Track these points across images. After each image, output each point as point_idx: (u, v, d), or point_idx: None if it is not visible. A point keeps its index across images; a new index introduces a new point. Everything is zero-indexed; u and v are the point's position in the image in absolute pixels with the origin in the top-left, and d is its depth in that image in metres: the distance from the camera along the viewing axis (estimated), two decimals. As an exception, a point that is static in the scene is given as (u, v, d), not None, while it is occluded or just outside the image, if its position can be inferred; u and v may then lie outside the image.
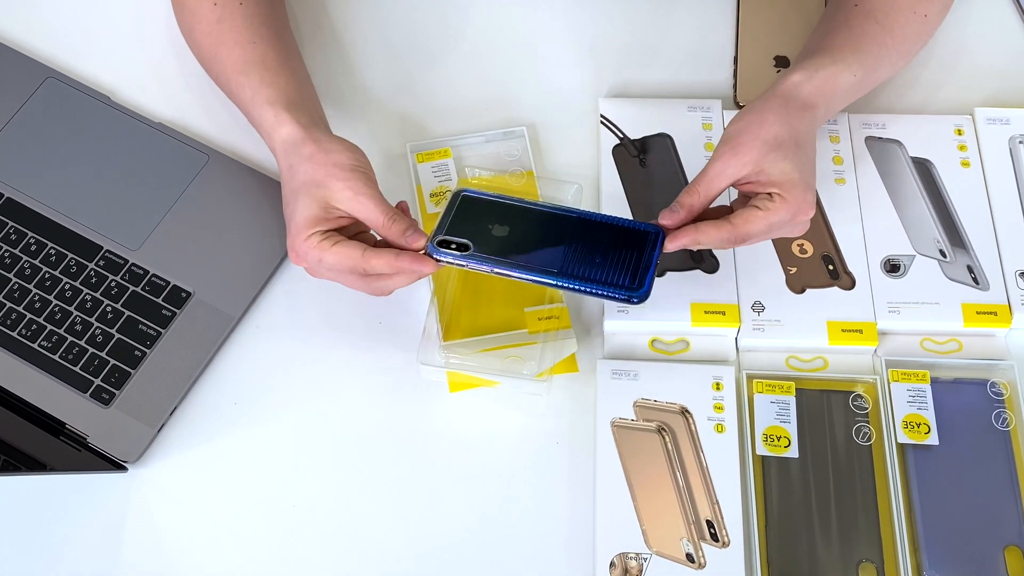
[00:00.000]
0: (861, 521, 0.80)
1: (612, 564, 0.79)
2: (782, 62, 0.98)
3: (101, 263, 0.89)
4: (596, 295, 0.78)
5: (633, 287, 0.77)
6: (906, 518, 0.80)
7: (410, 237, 0.79)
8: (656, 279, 0.87)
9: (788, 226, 0.79)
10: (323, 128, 0.84)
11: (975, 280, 0.88)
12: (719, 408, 0.84)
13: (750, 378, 0.85)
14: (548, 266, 0.78)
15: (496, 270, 0.78)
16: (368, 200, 0.79)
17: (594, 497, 0.81)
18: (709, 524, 0.80)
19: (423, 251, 0.79)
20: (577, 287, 0.77)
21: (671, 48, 1.00)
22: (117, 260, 0.89)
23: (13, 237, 0.90)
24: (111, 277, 0.89)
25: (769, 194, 0.78)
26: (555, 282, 0.78)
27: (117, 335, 0.87)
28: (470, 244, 0.79)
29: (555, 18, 1.02)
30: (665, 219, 0.79)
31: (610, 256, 0.78)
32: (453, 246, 0.79)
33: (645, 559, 0.79)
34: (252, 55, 0.86)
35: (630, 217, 0.89)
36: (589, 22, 1.01)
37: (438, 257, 0.78)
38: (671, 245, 0.78)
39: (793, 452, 0.83)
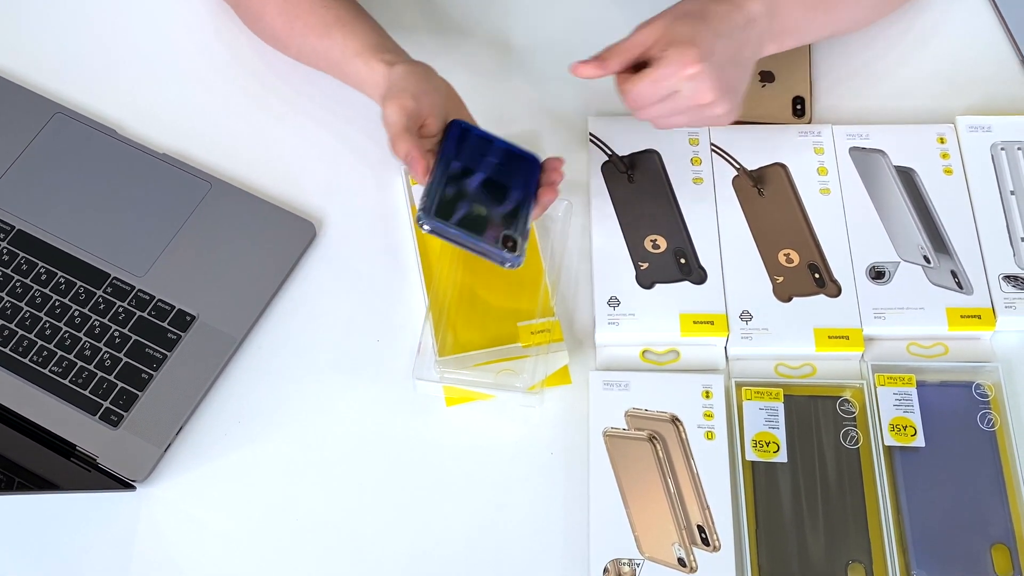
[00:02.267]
0: (850, 523, 0.82)
1: (606, 570, 0.81)
2: (767, 77, 1.00)
3: (109, 290, 0.92)
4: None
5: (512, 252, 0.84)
6: (894, 519, 0.82)
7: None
8: (645, 291, 0.90)
9: (682, 85, 0.83)
10: (407, 58, 0.91)
11: (959, 285, 0.89)
12: (709, 415, 0.86)
13: (739, 385, 0.87)
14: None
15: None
16: (410, 115, 0.84)
17: (588, 505, 0.83)
18: (700, 529, 0.82)
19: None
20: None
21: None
22: (124, 287, 0.92)
23: (24, 267, 0.93)
24: (118, 303, 0.92)
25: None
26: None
27: (125, 359, 0.89)
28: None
29: (545, 38, 1.04)
30: (580, 64, 0.86)
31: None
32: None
33: (638, 564, 0.81)
34: (328, 17, 0.92)
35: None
36: (579, 42, 1.02)
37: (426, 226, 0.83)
38: (579, 69, 0.86)
39: (782, 457, 0.84)
